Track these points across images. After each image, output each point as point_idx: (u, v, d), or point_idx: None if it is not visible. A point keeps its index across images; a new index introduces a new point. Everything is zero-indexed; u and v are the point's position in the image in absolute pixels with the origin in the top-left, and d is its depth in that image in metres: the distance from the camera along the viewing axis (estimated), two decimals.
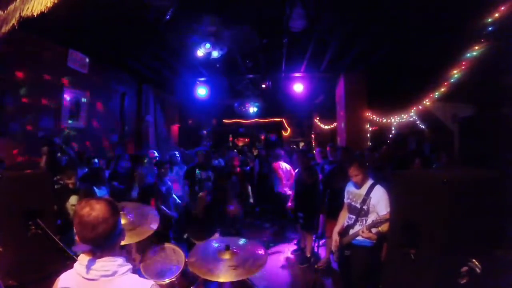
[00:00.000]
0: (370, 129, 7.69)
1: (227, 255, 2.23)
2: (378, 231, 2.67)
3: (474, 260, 1.35)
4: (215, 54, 5.24)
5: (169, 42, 5.49)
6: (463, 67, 4.88)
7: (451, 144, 6.25)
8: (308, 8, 4.31)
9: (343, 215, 3.22)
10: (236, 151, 8.26)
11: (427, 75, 5.88)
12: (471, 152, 5.40)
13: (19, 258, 1.86)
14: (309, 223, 4.62)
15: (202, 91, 8.27)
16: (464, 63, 4.84)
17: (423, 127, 7.33)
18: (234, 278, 2.07)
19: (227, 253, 2.24)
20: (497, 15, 3.88)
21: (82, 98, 6.08)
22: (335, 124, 9.18)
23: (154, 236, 2.50)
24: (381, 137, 8.01)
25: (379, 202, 2.80)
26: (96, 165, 4.91)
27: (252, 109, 11.75)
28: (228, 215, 4.57)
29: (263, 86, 8.12)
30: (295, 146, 13.24)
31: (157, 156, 6.13)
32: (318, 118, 12.23)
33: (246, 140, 15.25)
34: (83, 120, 6.13)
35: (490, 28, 4.02)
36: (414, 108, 6.78)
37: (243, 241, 2.51)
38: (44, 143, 4.22)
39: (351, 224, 3.00)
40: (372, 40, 5.42)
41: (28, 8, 2.35)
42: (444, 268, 1.43)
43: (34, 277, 1.82)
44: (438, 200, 1.48)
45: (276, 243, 5.57)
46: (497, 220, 1.57)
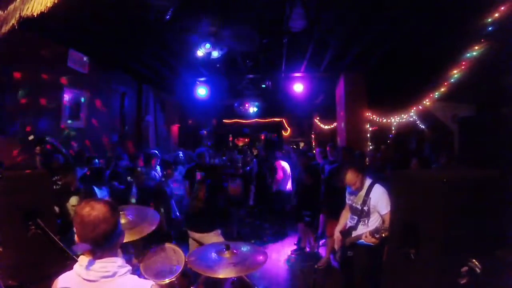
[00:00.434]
0: (370, 129, 7.68)
1: (227, 254, 2.25)
2: (381, 236, 2.67)
3: (474, 260, 1.35)
4: (215, 54, 5.24)
5: (169, 42, 5.50)
6: (463, 67, 4.88)
7: (451, 144, 6.25)
8: (308, 8, 4.32)
9: (345, 214, 3.22)
10: (236, 151, 8.25)
11: (427, 75, 5.88)
12: (471, 152, 5.40)
13: (19, 258, 1.86)
14: (315, 222, 4.72)
15: (202, 91, 8.26)
16: (464, 63, 4.84)
17: (423, 127, 7.33)
18: (234, 274, 2.08)
19: (228, 252, 2.27)
20: (497, 15, 3.88)
21: (82, 98, 6.07)
22: (335, 124, 9.19)
23: (155, 237, 2.50)
24: (381, 137, 8.01)
25: (379, 201, 2.80)
26: (97, 165, 4.89)
27: (252, 109, 11.75)
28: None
29: (263, 86, 8.12)
30: (295, 146, 13.24)
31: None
32: (318, 118, 12.23)
33: (246, 140, 15.26)
34: (83, 120, 6.12)
35: (490, 28, 4.02)
36: (414, 108, 6.77)
37: (245, 248, 2.46)
38: (36, 144, 4.17)
39: (353, 226, 3.00)
40: (372, 40, 5.42)
41: (28, 8, 2.35)
42: (444, 268, 1.43)
43: (34, 277, 1.81)
44: (438, 200, 1.48)
45: (276, 243, 5.57)
46: (497, 220, 1.57)
